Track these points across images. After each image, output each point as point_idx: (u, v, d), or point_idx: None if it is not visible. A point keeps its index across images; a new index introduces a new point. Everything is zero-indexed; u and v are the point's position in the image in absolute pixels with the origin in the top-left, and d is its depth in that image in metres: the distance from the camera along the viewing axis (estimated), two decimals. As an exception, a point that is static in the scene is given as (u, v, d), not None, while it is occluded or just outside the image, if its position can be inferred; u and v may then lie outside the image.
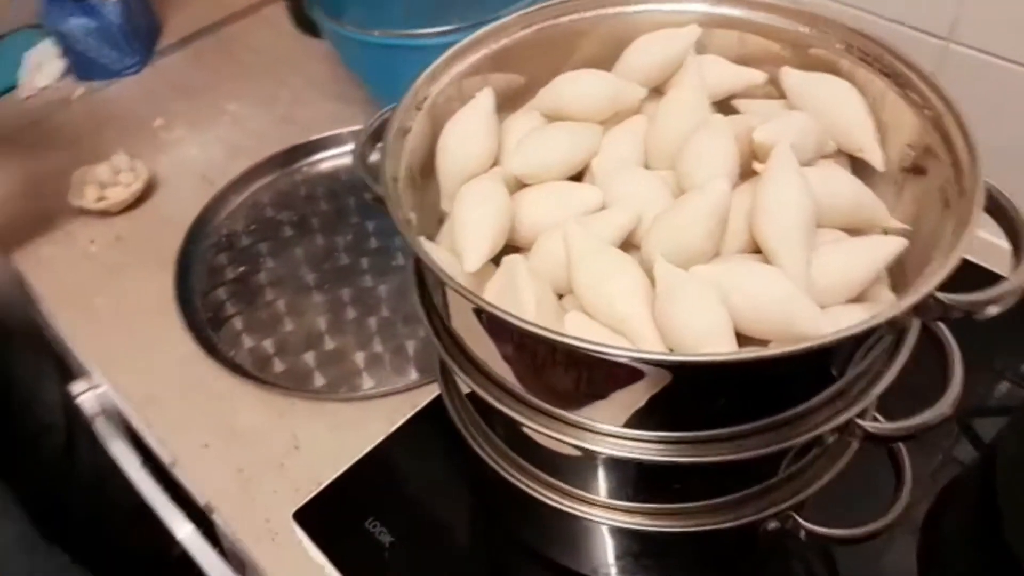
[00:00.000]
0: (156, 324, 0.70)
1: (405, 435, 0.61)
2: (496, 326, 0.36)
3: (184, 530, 0.67)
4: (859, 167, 0.45)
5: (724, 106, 0.49)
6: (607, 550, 0.51)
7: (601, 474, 0.43)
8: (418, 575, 0.55)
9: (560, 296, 0.41)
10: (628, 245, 0.42)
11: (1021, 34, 0.62)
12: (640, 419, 0.36)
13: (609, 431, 0.38)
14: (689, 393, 0.35)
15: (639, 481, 0.43)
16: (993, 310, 0.35)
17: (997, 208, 0.37)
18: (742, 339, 0.37)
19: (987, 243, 0.41)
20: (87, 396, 0.72)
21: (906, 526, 0.56)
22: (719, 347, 0.34)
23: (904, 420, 0.40)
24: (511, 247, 0.43)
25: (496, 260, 0.42)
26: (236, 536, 0.58)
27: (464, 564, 0.56)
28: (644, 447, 0.37)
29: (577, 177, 0.46)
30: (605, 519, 0.44)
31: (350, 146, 0.85)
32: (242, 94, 0.96)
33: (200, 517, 0.64)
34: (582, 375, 0.35)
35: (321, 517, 0.57)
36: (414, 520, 0.57)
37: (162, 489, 0.69)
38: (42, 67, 1.03)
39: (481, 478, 0.53)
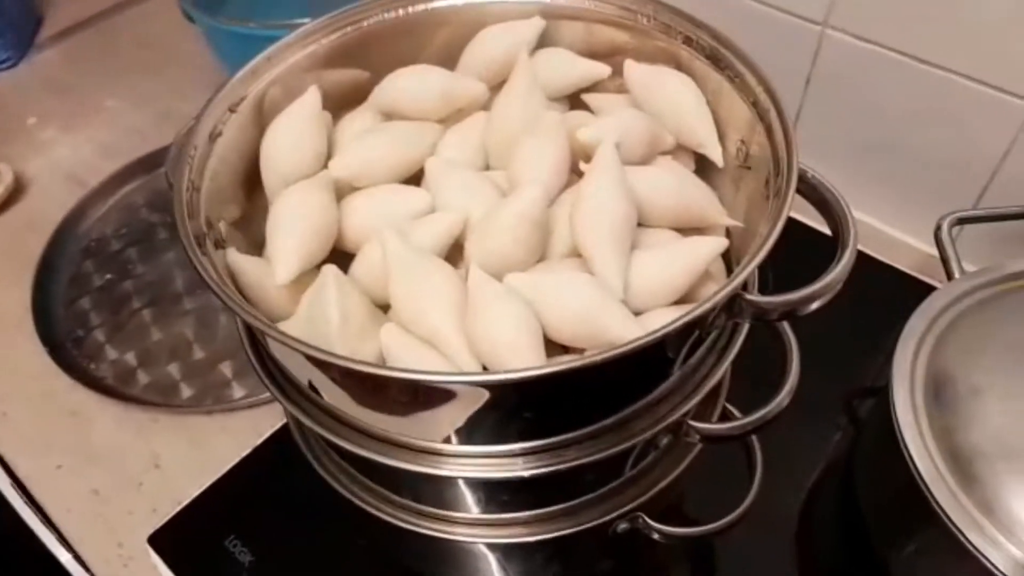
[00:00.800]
0: (11, 337, 0.66)
1: (272, 448, 0.58)
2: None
3: (65, 556, 0.63)
4: (704, 162, 0.44)
5: (576, 100, 0.47)
6: (470, 562, 0.50)
7: (440, 490, 0.41)
8: (278, 596, 0.53)
9: (388, 307, 0.39)
10: (457, 252, 0.40)
11: (895, 21, 0.62)
12: (460, 436, 0.35)
13: (431, 448, 0.36)
14: (497, 408, 0.33)
15: (479, 494, 0.41)
16: (813, 306, 0.34)
17: (820, 200, 0.36)
18: (560, 348, 0.35)
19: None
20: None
21: (792, 504, 0.56)
22: (525, 359, 0.33)
23: (738, 419, 0.39)
24: (343, 254, 0.41)
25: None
26: (88, 563, 0.55)
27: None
28: (464, 464, 0.36)
29: (415, 179, 0.44)
30: (448, 533, 0.42)
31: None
32: (122, 90, 0.92)
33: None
34: (384, 395, 0.33)
35: (178, 539, 0.54)
36: (277, 538, 0.54)
37: (35, 511, 0.65)
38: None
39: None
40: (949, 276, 0.56)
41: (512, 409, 0.34)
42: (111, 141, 0.85)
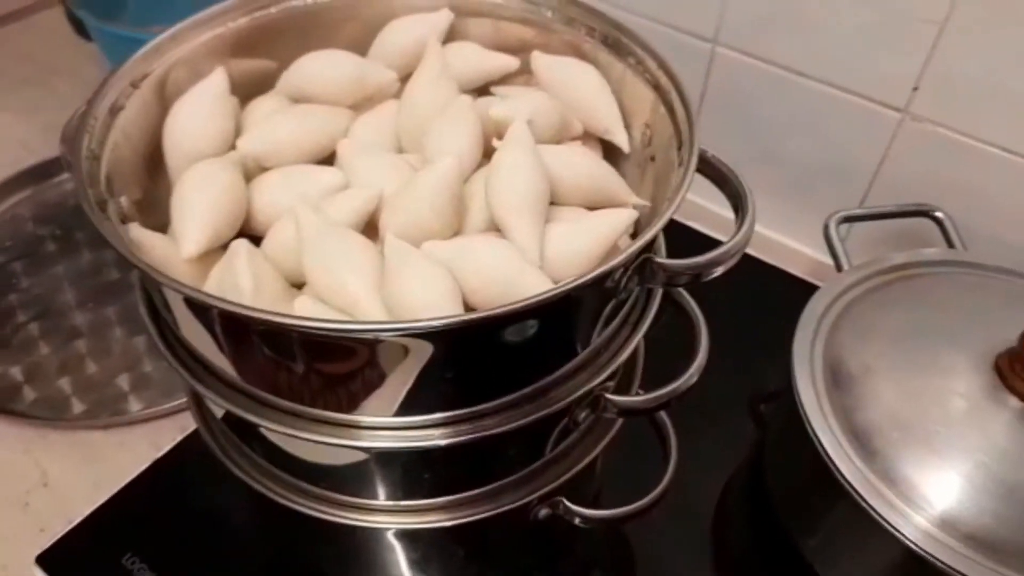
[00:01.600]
0: None
1: (172, 461, 0.55)
2: (204, 315, 0.33)
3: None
4: (611, 150, 0.45)
5: (484, 94, 0.48)
6: (388, 565, 0.48)
7: (357, 474, 0.40)
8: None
9: (302, 286, 0.38)
10: (371, 230, 0.39)
11: (776, 37, 0.66)
12: (377, 404, 0.34)
13: (347, 420, 0.35)
14: (416, 370, 0.33)
15: (398, 475, 0.40)
16: (718, 271, 0.35)
17: (719, 176, 0.38)
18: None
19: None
20: None
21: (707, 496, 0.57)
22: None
23: (651, 392, 0.40)
24: (252, 236, 0.40)
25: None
26: (-35, 591, 0.50)
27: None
28: (382, 436, 0.35)
29: (327, 163, 0.44)
30: (365, 521, 0.41)
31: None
32: (5, 103, 0.88)
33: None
34: (298, 361, 0.32)
35: (70, 558, 0.50)
36: (179, 553, 0.51)
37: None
38: None
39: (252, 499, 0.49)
40: (839, 269, 0.60)
41: (432, 371, 0.33)
42: (-8, 154, 0.80)
